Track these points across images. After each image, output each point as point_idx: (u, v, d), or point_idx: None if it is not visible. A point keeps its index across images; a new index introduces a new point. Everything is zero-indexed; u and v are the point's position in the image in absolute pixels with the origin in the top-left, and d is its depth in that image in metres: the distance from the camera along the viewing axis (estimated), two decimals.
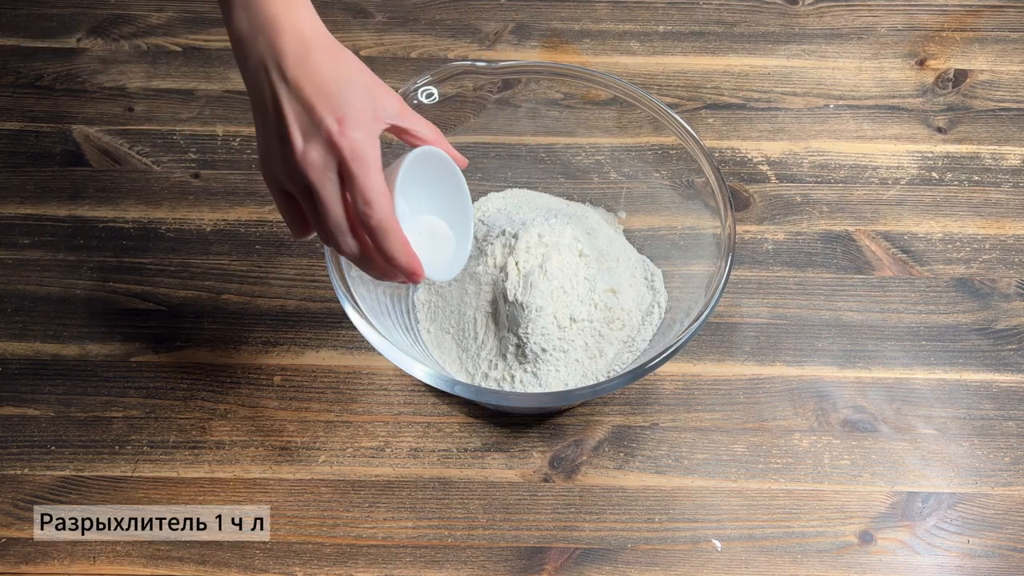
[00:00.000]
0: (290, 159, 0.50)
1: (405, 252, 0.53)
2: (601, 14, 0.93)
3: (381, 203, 0.51)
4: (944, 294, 0.76)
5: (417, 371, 0.59)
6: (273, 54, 0.49)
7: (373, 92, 0.52)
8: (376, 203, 0.50)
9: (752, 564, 0.65)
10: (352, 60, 0.52)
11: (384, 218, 0.51)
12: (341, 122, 0.49)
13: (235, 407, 0.71)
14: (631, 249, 0.75)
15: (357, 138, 0.49)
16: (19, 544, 0.65)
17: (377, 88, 0.53)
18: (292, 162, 0.50)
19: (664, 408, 0.71)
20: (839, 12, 0.94)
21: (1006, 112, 0.87)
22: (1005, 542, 0.66)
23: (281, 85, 0.49)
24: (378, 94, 0.52)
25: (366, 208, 0.50)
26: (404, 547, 0.66)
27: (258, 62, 0.50)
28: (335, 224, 0.51)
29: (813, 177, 0.82)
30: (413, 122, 0.55)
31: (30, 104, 0.86)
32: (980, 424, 0.70)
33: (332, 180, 0.50)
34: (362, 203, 0.50)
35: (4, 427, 0.70)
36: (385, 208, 0.51)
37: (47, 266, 0.77)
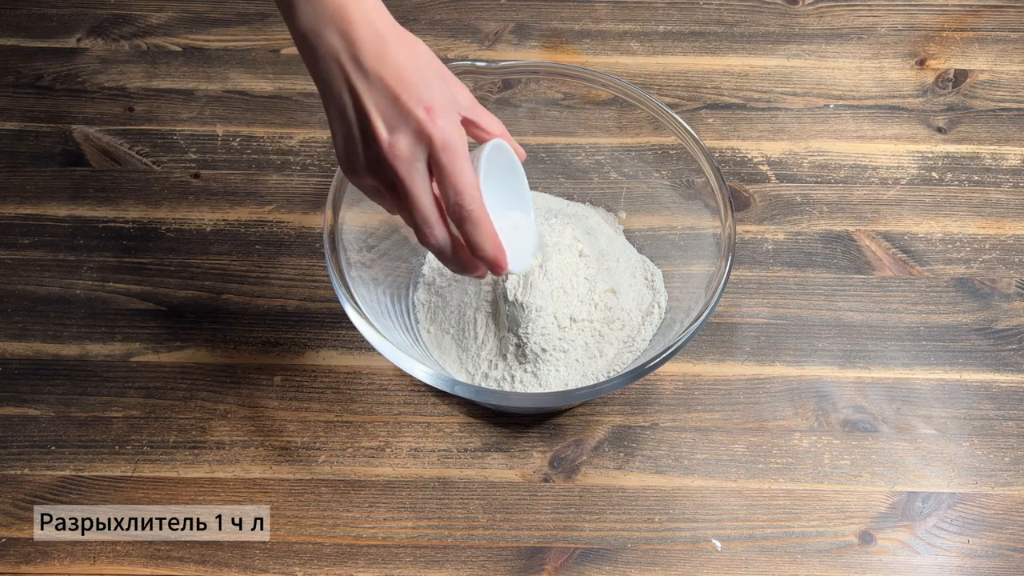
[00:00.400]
0: (376, 151, 0.49)
1: (494, 243, 0.52)
2: (601, 14, 0.93)
3: (473, 194, 0.50)
4: (944, 294, 0.76)
5: (417, 371, 0.59)
6: (347, 46, 0.48)
7: (449, 82, 0.51)
8: (468, 194, 0.50)
9: (752, 564, 0.65)
10: (426, 50, 0.51)
11: (475, 208, 0.50)
12: (430, 111, 0.48)
13: (235, 407, 0.71)
14: (631, 249, 0.75)
15: (447, 127, 0.49)
16: (19, 544, 0.65)
17: (451, 78, 0.52)
18: (379, 154, 0.49)
19: (664, 408, 0.71)
20: (839, 12, 0.94)
21: (1006, 112, 0.87)
22: (1005, 542, 0.66)
23: (359, 77, 0.48)
24: (453, 84, 0.52)
25: (459, 199, 0.49)
26: (404, 547, 0.66)
27: (330, 55, 0.49)
28: (424, 215, 0.50)
29: (813, 177, 0.82)
30: (482, 115, 0.55)
31: (30, 104, 0.86)
32: (980, 424, 0.71)
33: (421, 171, 0.49)
34: (454, 194, 0.49)
35: (4, 427, 0.70)
36: (477, 199, 0.50)
37: (47, 266, 0.77)
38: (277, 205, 0.80)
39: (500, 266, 0.53)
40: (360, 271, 0.66)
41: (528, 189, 0.60)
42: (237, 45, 0.90)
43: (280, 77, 0.87)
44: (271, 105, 0.86)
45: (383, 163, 0.49)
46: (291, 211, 0.80)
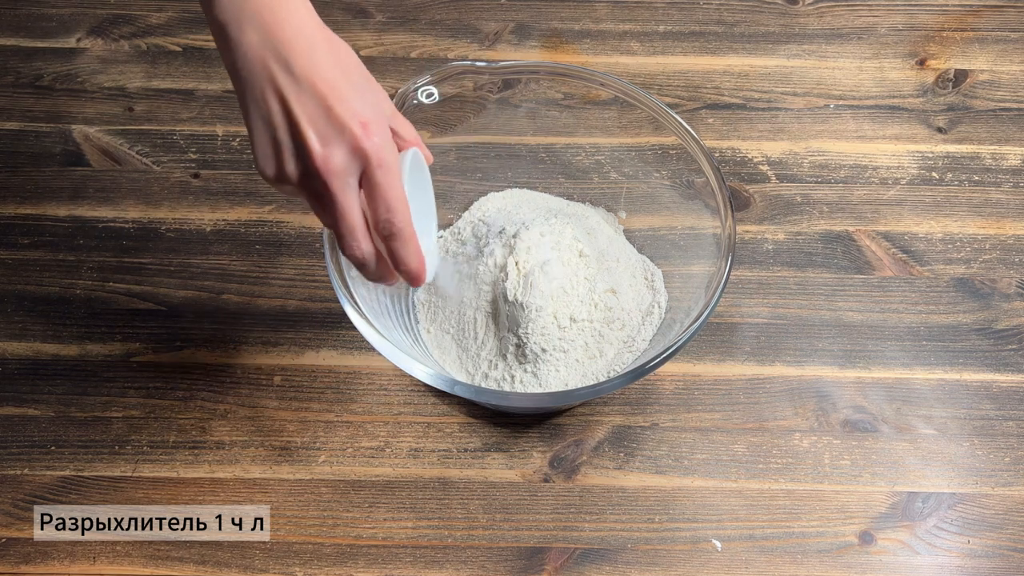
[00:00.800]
0: (306, 163, 0.48)
1: (419, 259, 0.52)
2: (601, 14, 0.93)
3: (404, 211, 0.50)
4: (944, 294, 0.76)
5: (417, 371, 0.59)
6: (274, 46, 0.46)
7: (375, 90, 0.51)
8: (399, 211, 0.49)
9: (752, 564, 0.65)
10: (353, 54, 0.50)
11: (405, 226, 0.50)
12: (365, 127, 0.47)
13: (235, 407, 0.71)
14: (631, 249, 0.75)
15: (382, 144, 0.48)
16: (19, 544, 0.65)
17: (376, 86, 0.52)
18: (309, 167, 0.48)
19: (664, 408, 0.71)
20: (839, 12, 0.94)
21: (1006, 112, 0.87)
22: (1005, 542, 0.66)
23: (288, 81, 0.46)
24: (378, 92, 0.51)
25: (389, 216, 0.49)
26: (404, 547, 0.66)
27: (254, 54, 0.46)
28: (351, 228, 0.50)
29: (813, 177, 0.82)
30: (401, 123, 0.55)
31: (30, 104, 0.86)
32: (980, 424, 0.70)
33: (353, 186, 0.49)
34: (385, 211, 0.49)
35: (4, 427, 0.70)
36: (407, 216, 0.50)
37: (47, 266, 0.77)
38: (277, 205, 0.80)
39: (421, 279, 0.53)
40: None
41: (434, 202, 0.61)
42: None
43: None
44: None
45: (313, 176, 0.48)
46: (291, 211, 0.80)
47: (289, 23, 0.47)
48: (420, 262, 0.52)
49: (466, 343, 0.69)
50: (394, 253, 0.51)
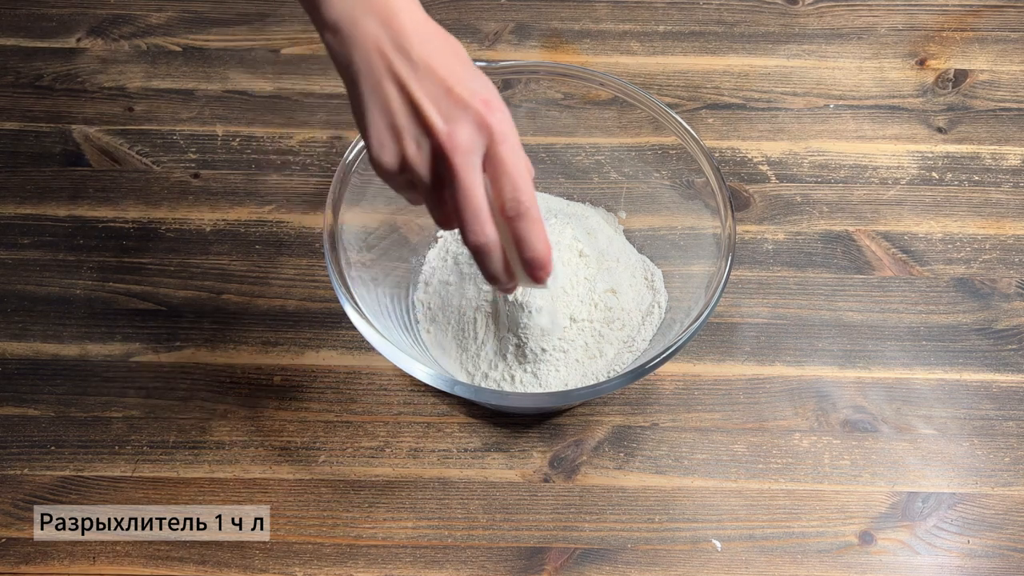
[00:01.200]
0: (432, 142, 0.47)
1: (546, 244, 0.50)
2: (601, 14, 0.93)
3: (530, 189, 0.48)
4: (944, 294, 0.76)
5: (417, 371, 0.59)
6: (391, 34, 0.47)
7: (486, 79, 0.50)
8: (526, 189, 0.48)
9: (752, 564, 0.65)
10: (460, 46, 0.50)
11: (533, 205, 0.48)
12: (487, 104, 0.47)
13: (235, 407, 0.71)
14: (631, 249, 0.75)
15: (504, 119, 0.48)
16: (19, 544, 0.65)
17: (485, 76, 0.51)
18: (434, 145, 0.47)
19: (664, 408, 0.71)
20: (839, 12, 0.94)
21: (1006, 112, 0.87)
22: (1005, 542, 0.66)
23: (405, 66, 0.47)
24: (488, 80, 0.50)
25: (517, 194, 0.48)
26: (404, 547, 0.66)
27: (370, 43, 0.47)
28: (475, 210, 0.48)
29: (813, 177, 0.82)
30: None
31: (30, 104, 0.86)
32: (980, 424, 0.71)
33: (477, 165, 0.48)
34: (512, 188, 0.48)
35: (4, 427, 0.70)
36: (533, 194, 0.49)
37: (47, 266, 0.77)
38: (277, 205, 0.80)
39: (545, 269, 0.50)
40: (360, 271, 0.66)
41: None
42: (237, 45, 0.90)
43: (280, 77, 0.87)
44: (271, 105, 0.86)
45: (438, 156, 0.47)
46: (291, 211, 0.80)
47: (404, 15, 0.47)
48: (548, 247, 0.50)
49: (466, 343, 0.69)
50: (521, 236, 0.49)
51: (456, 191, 0.48)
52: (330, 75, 0.87)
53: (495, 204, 0.49)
